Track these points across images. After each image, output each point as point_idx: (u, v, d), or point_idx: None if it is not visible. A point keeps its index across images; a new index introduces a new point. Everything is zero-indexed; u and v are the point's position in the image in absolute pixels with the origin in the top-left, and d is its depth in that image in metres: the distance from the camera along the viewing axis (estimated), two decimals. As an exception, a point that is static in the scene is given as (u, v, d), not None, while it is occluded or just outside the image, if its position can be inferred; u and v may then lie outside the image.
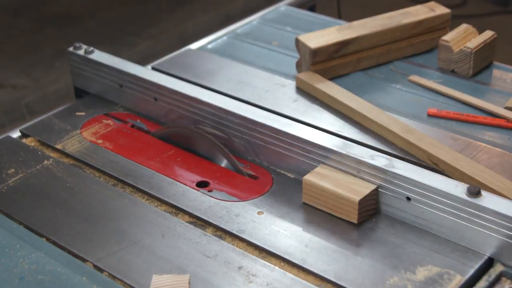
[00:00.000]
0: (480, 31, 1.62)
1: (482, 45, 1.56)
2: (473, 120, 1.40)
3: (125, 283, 1.06)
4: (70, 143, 1.40)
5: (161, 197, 1.24)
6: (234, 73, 1.61)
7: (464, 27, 1.61)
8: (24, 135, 1.45)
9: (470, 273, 1.05)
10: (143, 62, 1.73)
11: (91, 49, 1.55)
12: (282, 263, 1.10)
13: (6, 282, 1.06)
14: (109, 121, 1.47)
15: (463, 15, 3.66)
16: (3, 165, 1.33)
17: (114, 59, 1.53)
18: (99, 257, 1.10)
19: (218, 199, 1.23)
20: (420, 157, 1.28)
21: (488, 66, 1.61)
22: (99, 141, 1.40)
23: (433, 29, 1.66)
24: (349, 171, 1.20)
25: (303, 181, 1.21)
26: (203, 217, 1.19)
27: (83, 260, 1.10)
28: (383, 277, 1.05)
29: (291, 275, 1.07)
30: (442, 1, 1.75)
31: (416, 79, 1.56)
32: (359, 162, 1.18)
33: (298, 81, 1.53)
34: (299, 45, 1.56)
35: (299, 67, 1.58)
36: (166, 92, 1.43)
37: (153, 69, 1.62)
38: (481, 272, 1.07)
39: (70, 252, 1.12)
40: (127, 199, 1.25)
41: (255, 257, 1.11)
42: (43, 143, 1.41)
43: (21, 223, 1.19)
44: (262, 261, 1.10)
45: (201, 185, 1.27)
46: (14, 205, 1.23)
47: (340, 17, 3.16)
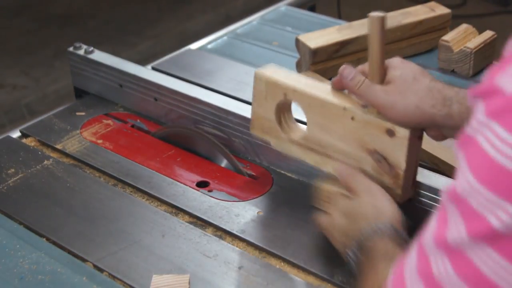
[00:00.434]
0: (480, 31, 1.62)
1: (482, 45, 1.56)
2: (473, 120, 1.39)
3: (125, 283, 1.06)
4: (70, 143, 1.40)
5: (161, 197, 1.24)
6: (234, 73, 1.61)
7: (464, 27, 1.61)
8: (24, 135, 1.44)
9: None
10: (143, 62, 1.72)
11: (91, 49, 1.55)
12: (282, 263, 1.09)
13: (6, 282, 1.06)
14: (109, 121, 1.47)
15: (463, 15, 3.65)
16: (3, 165, 1.33)
17: (114, 59, 1.52)
18: (99, 257, 1.10)
19: (218, 199, 1.23)
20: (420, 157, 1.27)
21: (488, 66, 1.60)
22: (99, 141, 1.40)
23: (433, 29, 1.66)
24: None
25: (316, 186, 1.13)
26: (203, 217, 1.19)
27: (83, 260, 1.10)
28: (383, 277, 1.05)
29: (291, 275, 1.07)
30: (442, 1, 1.75)
31: (416, 79, 1.55)
32: (359, 162, 1.18)
33: (298, 81, 1.53)
34: (299, 45, 1.56)
35: (299, 67, 1.58)
36: (166, 92, 1.43)
37: (153, 69, 1.62)
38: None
39: (70, 252, 1.12)
40: (127, 199, 1.24)
41: (255, 257, 1.11)
42: (43, 143, 1.41)
43: (21, 223, 1.19)
44: (262, 261, 1.10)
45: (201, 185, 1.27)
46: (14, 205, 1.23)
47: (340, 17, 3.16)
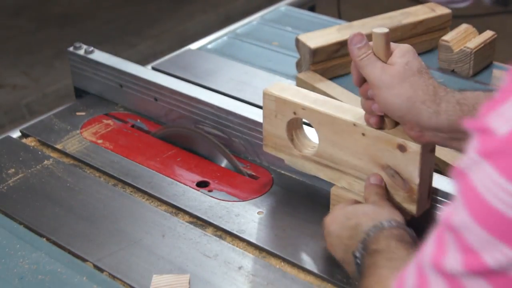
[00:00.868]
0: (480, 31, 1.61)
1: (482, 45, 1.56)
2: (473, 120, 1.39)
3: (125, 283, 1.06)
4: (70, 143, 1.40)
5: (161, 197, 1.24)
6: (234, 73, 1.61)
7: (464, 27, 1.61)
8: (24, 135, 1.44)
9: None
10: (143, 62, 1.73)
11: (91, 49, 1.55)
12: (282, 263, 1.09)
13: (6, 282, 1.06)
14: (109, 121, 1.47)
15: (463, 15, 3.64)
16: (3, 165, 1.33)
17: (114, 59, 1.52)
18: (99, 257, 1.10)
19: (218, 199, 1.23)
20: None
21: (488, 66, 1.60)
22: (99, 141, 1.40)
23: (433, 29, 1.66)
24: None
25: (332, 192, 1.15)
26: (203, 217, 1.19)
27: (83, 260, 1.10)
28: (383, 277, 1.05)
29: (291, 275, 1.07)
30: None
31: (416, 79, 1.55)
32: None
33: (298, 81, 1.53)
34: (299, 45, 1.56)
35: (299, 67, 1.58)
36: (166, 92, 1.43)
37: (153, 69, 1.62)
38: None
39: (70, 252, 1.12)
40: (127, 199, 1.24)
41: (255, 257, 1.11)
42: (43, 143, 1.41)
43: (21, 223, 1.19)
44: (262, 261, 1.10)
45: (201, 185, 1.27)
46: (14, 205, 1.23)
47: (340, 17, 3.16)
